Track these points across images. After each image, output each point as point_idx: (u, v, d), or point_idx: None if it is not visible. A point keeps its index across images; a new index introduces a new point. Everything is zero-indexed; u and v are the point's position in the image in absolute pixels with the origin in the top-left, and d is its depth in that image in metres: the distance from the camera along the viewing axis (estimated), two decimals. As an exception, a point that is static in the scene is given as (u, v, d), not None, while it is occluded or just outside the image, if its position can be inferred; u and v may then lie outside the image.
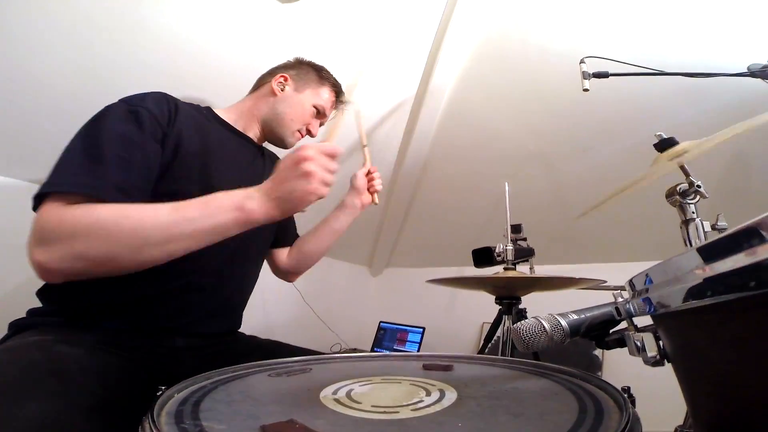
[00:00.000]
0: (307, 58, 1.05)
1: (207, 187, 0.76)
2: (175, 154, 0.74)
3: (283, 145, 0.99)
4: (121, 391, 0.61)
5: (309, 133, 1.01)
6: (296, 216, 1.13)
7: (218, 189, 0.79)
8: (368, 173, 1.09)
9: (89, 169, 0.62)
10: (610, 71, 1.06)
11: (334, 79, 1.03)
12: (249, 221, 0.62)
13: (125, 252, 0.58)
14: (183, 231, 0.59)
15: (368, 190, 1.08)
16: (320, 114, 1.01)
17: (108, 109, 0.70)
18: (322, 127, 1.04)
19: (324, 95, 1.00)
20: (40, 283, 0.72)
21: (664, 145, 0.78)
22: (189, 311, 0.77)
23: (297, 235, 1.13)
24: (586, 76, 1.05)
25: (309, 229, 1.10)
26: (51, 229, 0.57)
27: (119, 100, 0.72)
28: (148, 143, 0.69)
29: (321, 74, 1.01)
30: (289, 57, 1.05)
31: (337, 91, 1.03)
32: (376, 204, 1.10)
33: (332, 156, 0.65)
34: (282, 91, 0.96)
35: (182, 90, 1.23)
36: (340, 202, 1.08)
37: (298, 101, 0.97)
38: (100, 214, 0.58)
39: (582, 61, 1.07)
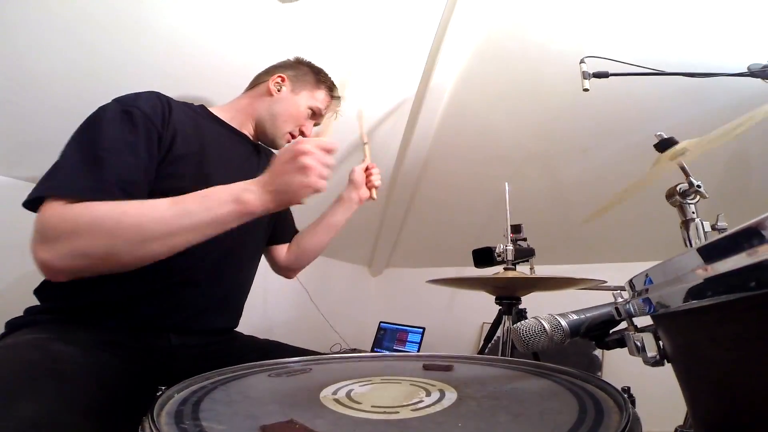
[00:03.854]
0: (307, 58, 1.04)
1: (202, 185, 0.76)
2: (170, 153, 0.74)
3: (274, 145, 0.99)
4: (119, 391, 0.60)
5: (302, 134, 1.01)
6: (296, 210, 1.13)
7: (214, 186, 0.79)
8: (367, 169, 1.09)
9: (88, 172, 0.62)
10: (610, 71, 1.06)
11: (332, 81, 1.03)
12: (246, 213, 0.63)
13: (126, 247, 0.59)
14: (182, 224, 0.60)
15: (366, 185, 1.09)
16: (315, 115, 1.01)
17: (103, 110, 0.70)
18: (316, 126, 1.05)
19: (320, 97, 1.00)
20: (38, 282, 0.72)
21: (665, 145, 0.78)
22: (184, 307, 0.77)
23: (296, 231, 1.13)
24: (586, 75, 1.06)
25: (307, 225, 1.11)
26: (53, 227, 0.58)
27: (113, 100, 0.72)
28: (142, 144, 0.69)
29: (319, 77, 1.01)
30: (288, 56, 1.04)
31: (333, 94, 1.03)
32: (374, 199, 1.10)
33: (329, 151, 0.66)
34: (279, 91, 0.96)
35: (182, 89, 1.23)
36: (338, 197, 1.09)
37: (293, 103, 0.97)
38: (99, 211, 0.59)
39: (582, 61, 1.08)
